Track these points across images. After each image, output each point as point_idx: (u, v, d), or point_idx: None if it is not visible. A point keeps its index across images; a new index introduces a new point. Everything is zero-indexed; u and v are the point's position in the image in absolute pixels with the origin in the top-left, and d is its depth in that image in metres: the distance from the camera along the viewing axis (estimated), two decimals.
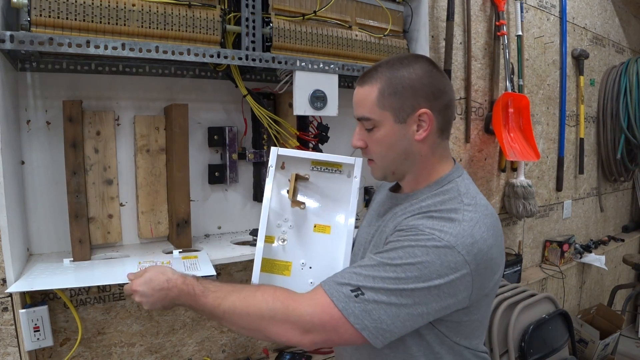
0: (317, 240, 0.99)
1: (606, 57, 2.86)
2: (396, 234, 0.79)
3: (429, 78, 0.83)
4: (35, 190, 1.11)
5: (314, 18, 1.22)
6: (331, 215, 1.00)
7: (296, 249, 0.98)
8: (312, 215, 1.00)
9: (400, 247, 0.74)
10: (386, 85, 0.82)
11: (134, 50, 0.96)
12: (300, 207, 0.97)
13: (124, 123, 1.20)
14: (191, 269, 1.04)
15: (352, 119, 1.69)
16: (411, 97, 0.82)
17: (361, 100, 0.85)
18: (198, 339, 1.36)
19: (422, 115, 0.82)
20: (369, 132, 0.86)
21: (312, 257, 0.98)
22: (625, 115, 2.68)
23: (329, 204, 1.01)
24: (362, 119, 0.86)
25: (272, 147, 0.98)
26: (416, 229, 0.76)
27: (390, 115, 0.83)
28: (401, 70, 0.82)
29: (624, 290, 2.93)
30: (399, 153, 0.85)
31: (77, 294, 1.16)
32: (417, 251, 0.72)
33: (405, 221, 0.80)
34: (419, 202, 0.84)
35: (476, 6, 1.95)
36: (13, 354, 1.05)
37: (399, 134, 0.83)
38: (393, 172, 0.88)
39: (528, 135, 2.02)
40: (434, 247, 0.72)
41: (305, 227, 0.99)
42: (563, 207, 2.59)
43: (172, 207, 1.22)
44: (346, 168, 1.02)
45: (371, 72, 0.85)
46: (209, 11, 1.07)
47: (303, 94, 1.18)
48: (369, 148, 0.88)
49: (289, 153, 0.99)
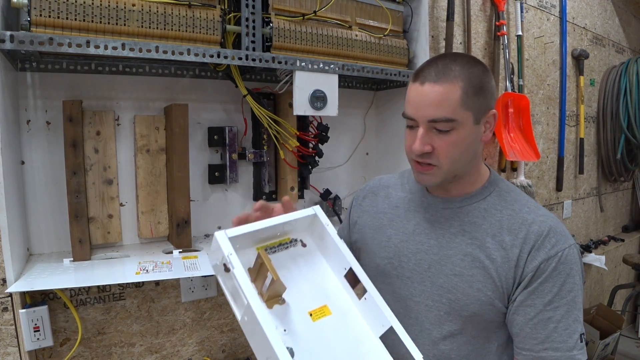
0: (324, 328, 0.76)
1: (606, 57, 2.86)
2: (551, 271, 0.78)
3: (491, 78, 0.83)
4: (35, 190, 1.11)
5: (314, 18, 1.22)
6: (317, 293, 0.79)
7: (311, 354, 0.72)
8: (297, 305, 0.77)
9: (569, 287, 0.78)
10: (469, 84, 0.77)
11: (134, 50, 0.96)
12: (279, 302, 0.74)
13: (124, 123, 1.20)
14: (191, 269, 1.04)
15: (352, 119, 1.69)
16: (486, 98, 0.80)
17: (440, 99, 0.77)
18: (198, 339, 1.36)
19: (490, 116, 0.82)
20: (442, 134, 0.78)
21: (337, 351, 0.74)
22: (625, 115, 2.68)
23: (304, 284, 0.80)
24: (439, 121, 0.77)
25: (216, 232, 0.73)
26: (565, 262, 0.78)
27: (472, 116, 0.78)
28: (473, 68, 0.79)
29: (624, 290, 2.93)
30: (469, 155, 0.82)
31: (77, 294, 1.16)
32: (577, 279, 0.79)
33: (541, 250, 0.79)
34: (505, 210, 0.84)
35: (476, 6, 1.95)
36: (13, 354, 1.05)
37: (474, 135, 0.81)
38: (455, 175, 0.83)
39: (528, 135, 2.02)
40: (577, 261, 0.80)
41: (301, 323, 0.75)
42: (563, 207, 2.59)
43: (172, 207, 1.22)
44: (297, 234, 0.84)
45: (443, 68, 0.78)
46: (209, 11, 1.07)
47: (303, 94, 1.18)
48: (437, 152, 0.79)
49: (238, 231, 0.76)
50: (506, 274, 0.79)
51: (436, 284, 0.85)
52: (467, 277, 0.82)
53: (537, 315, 0.77)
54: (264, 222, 0.79)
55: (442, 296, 0.84)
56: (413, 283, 0.87)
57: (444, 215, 0.88)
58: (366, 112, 1.64)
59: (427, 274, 0.86)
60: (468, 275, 0.81)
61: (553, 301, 0.77)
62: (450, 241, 0.85)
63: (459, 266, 0.83)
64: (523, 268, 0.79)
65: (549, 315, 0.76)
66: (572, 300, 0.77)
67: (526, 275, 0.78)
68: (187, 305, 1.33)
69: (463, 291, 0.82)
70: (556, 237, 0.79)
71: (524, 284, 0.78)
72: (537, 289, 0.77)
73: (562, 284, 0.77)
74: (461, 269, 0.82)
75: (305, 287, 0.80)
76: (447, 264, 0.84)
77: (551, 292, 0.77)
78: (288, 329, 0.74)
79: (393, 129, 1.57)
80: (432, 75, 0.78)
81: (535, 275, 0.78)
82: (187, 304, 1.33)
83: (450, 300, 0.83)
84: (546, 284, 0.77)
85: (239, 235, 0.76)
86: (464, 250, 0.83)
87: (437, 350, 0.84)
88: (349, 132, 1.60)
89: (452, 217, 0.87)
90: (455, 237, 0.85)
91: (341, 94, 1.26)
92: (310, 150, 1.37)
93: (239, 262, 0.71)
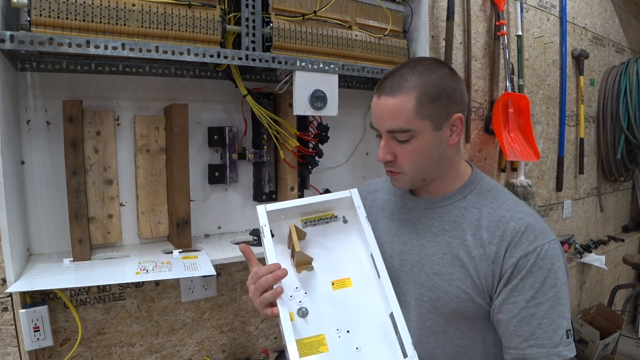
0: (341, 298, 0.85)
1: (606, 57, 2.86)
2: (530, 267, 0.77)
3: (455, 81, 0.83)
4: (35, 190, 1.11)
5: (314, 18, 1.22)
6: (345, 266, 0.89)
7: (322, 317, 0.82)
8: (324, 274, 0.87)
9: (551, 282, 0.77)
10: (423, 93, 0.79)
11: (134, 50, 0.96)
12: (308, 269, 0.86)
13: (124, 123, 1.20)
14: (191, 269, 1.04)
15: (352, 119, 1.70)
16: (446, 103, 0.81)
17: (395, 112, 0.80)
18: (198, 339, 1.36)
19: (455, 120, 0.83)
20: (402, 144, 0.82)
21: (346, 320, 0.82)
22: (625, 115, 2.68)
23: (336, 256, 0.90)
24: (396, 132, 0.81)
25: (258, 206, 0.87)
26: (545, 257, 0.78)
27: (430, 123, 0.80)
28: (431, 75, 0.81)
29: (624, 290, 2.93)
30: (434, 160, 0.84)
31: (77, 294, 1.16)
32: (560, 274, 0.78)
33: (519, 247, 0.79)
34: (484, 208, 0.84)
35: (476, 6, 1.95)
36: (13, 354, 1.05)
37: (436, 141, 0.82)
38: (424, 179, 0.87)
39: (528, 135, 2.02)
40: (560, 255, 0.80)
41: (322, 289, 0.86)
42: (563, 207, 2.59)
43: (172, 207, 1.22)
44: (340, 211, 0.94)
45: (400, 81, 0.81)
46: (209, 11, 1.07)
47: (303, 94, 1.18)
48: (399, 160, 0.84)
49: (278, 206, 0.89)
50: (485, 271, 0.80)
51: (418, 282, 0.87)
52: (446, 275, 0.83)
53: (519, 312, 0.77)
54: (301, 200, 0.92)
55: (424, 295, 0.86)
56: (398, 283, 0.89)
57: (426, 215, 0.90)
58: (366, 112, 1.64)
59: (410, 274, 0.88)
60: (447, 273, 0.83)
61: (535, 297, 0.77)
62: (431, 240, 0.87)
63: (439, 264, 0.84)
64: (501, 265, 0.79)
65: (532, 312, 0.76)
66: (555, 296, 0.76)
67: (505, 272, 0.79)
68: (187, 305, 1.33)
69: (443, 289, 0.83)
70: (534, 233, 0.79)
71: (503, 282, 0.79)
72: (517, 286, 0.78)
73: (544, 280, 0.77)
74: (441, 267, 0.84)
75: (334, 259, 0.89)
76: (428, 262, 0.86)
77: (532, 289, 0.77)
78: (309, 293, 0.84)
79: None
80: (387, 89, 0.81)
81: (514, 272, 0.78)
82: (187, 304, 1.33)
83: (431, 298, 0.85)
84: (526, 280, 0.77)
85: (278, 210, 0.89)
86: (444, 249, 0.85)
87: (421, 348, 0.86)
88: (349, 132, 1.60)
89: (433, 217, 0.89)
90: (436, 237, 0.87)
91: (341, 94, 1.26)
92: (310, 150, 1.37)
93: (269, 232, 0.85)
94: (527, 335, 0.76)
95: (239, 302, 1.42)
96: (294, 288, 0.85)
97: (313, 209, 0.93)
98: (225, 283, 1.39)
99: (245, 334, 1.45)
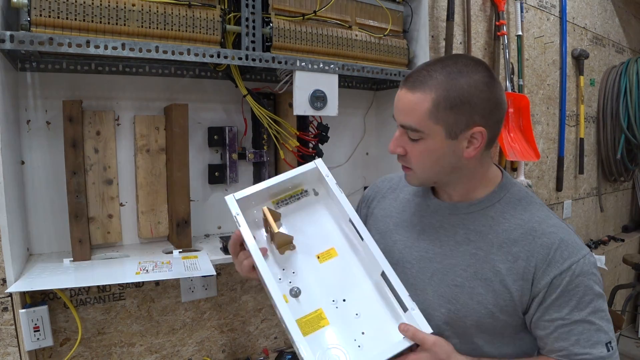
0: (330, 269, 0.85)
1: (606, 57, 2.86)
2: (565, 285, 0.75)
3: (488, 91, 0.75)
4: (35, 190, 1.11)
5: (314, 18, 1.22)
6: (326, 237, 0.88)
7: (315, 292, 0.82)
8: (307, 250, 0.87)
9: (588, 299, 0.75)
10: (442, 96, 0.73)
11: (134, 50, 0.96)
12: (290, 248, 0.85)
13: (124, 123, 1.20)
14: (191, 269, 1.04)
15: (352, 119, 1.70)
16: (467, 113, 0.74)
17: (410, 108, 0.76)
18: (198, 339, 1.36)
19: (475, 134, 0.76)
20: (413, 142, 0.78)
21: (339, 289, 0.83)
22: (625, 115, 2.68)
23: (315, 229, 0.89)
24: (407, 128, 0.77)
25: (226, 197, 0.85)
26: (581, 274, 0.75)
27: (443, 130, 0.75)
28: (460, 79, 0.74)
29: (624, 290, 2.93)
30: (444, 167, 0.79)
31: (77, 294, 1.16)
32: (597, 288, 0.76)
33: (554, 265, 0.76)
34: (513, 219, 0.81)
35: (476, 6, 1.95)
36: (13, 354, 1.05)
37: (448, 149, 0.77)
38: (435, 182, 0.84)
39: (528, 135, 2.02)
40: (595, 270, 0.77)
41: (309, 265, 0.85)
42: (563, 207, 2.59)
43: (172, 207, 1.22)
44: (309, 185, 0.92)
45: (424, 76, 0.75)
46: (209, 11, 1.07)
47: (303, 94, 1.18)
48: (409, 157, 0.80)
49: (245, 193, 0.87)
50: (512, 287, 0.77)
51: (437, 293, 0.83)
52: (468, 288, 0.79)
53: (556, 329, 0.76)
54: (267, 181, 0.89)
55: (442, 306, 0.82)
56: (416, 290, 0.84)
57: (450, 221, 0.85)
58: (366, 112, 1.64)
59: (429, 282, 0.84)
60: (469, 287, 0.79)
61: (572, 314, 0.75)
62: (454, 250, 0.83)
63: (461, 277, 0.80)
64: (532, 283, 0.76)
65: (570, 329, 0.75)
66: (593, 312, 0.75)
67: (539, 292, 0.76)
68: (187, 305, 1.33)
69: (463, 302, 0.80)
70: (568, 249, 0.76)
71: (537, 300, 0.76)
72: (553, 304, 0.75)
73: (581, 297, 0.75)
74: (463, 279, 0.80)
75: (314, 232, 0.88)
76: (450, 273, 0.82)
77: (569, 306, 0.75)
78: (297, 271, 0.84)
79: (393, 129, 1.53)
80: (410, 82, 0.77)
81: (549, 291, 0.75)
82: (187, 304, 1.33)
83: (449, 310, 0.81)
84: (562, 298, 0.75)
85: (247, 196, 0.86)
86: (467, 260, 0.81)
87: None
88: (349, 132, 1.60)
89: (457, 224, 0.84)
90: (460, 246, 0.82)
91: (341, 94, 1.26)
92: (310, 150, 1.37)
93: (244, 220, 0.83)
94: (565, 352, 0.75)
95: (239, 302, 1.42)
96: (281, 270, 0.84)
97: (281, 188, 0.91)
98: (225, 283, 1.39)
99: (245, 334, 1.45)
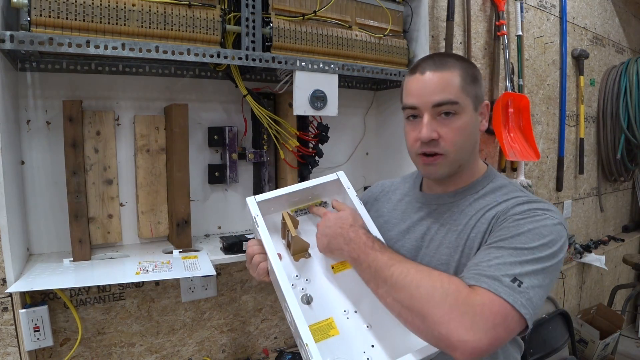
0: (343, 280, 0.85)
1: (606, 57, 2.86)
2: (510, 220, 0.75)
3: (480, 74, 0.87)
4: (35, 190, 1.11)
5: (314, 18, 1.22)
6: None
7: (327, 301, 0.83)
8: (322, 259, 0.88)
9: (525, 231, 0.72)
10: (464, 73, 0.82)
11: (134, 50, 0.96)
12: (305, 256, 0.86)
13: (124, 123, 1.20)
14: (191, 269, 1.04)
15: (352, 119, 1.69)
16: (480, 88, 0.85)
17: (444, 84, 0.80)
18: (198, 339, 1.36)
19: (483, 107, 0.87)
20: (447, 119, 0.81)
21: (352, 301, 0.83)
22: (625, 115, 2.68)
23: None
24: (445, 103, 0.80)
25: (247, 198, 0.87)
26: (530, 211, 0.75)
27: (471, 102, 0.83)
28: (465, 62, 0.85)
29: (624, 290, 2.93)
30: (472, 144, 0.85)
31: (77, 294, 1.16)
32: (543, 231, 0.72)
33: (510, 210, 0.77)
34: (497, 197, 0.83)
35: (476, 6, 1.95)
36: (13, 354, 1.05)
37: (475, 122, 0.85)
38: (460, 164, 0.85)
39: (528, 135, 2.02)
40: (552, 225, 0.73)
41: (323, 274, 0.86)
42: (563, 207, 2.59)
43: (172, 207, 1.22)
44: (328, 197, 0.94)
45: (441, 60, 0.83)
46: (209, 11, 1.06)
47: (303, 94, 1.18)
48: (443, 139, 0.81)
49: (267, 196, 0.88)
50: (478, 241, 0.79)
51: None
52: (453, 264, 0.82)
53: (478, 255, 0.74)
54: (289, 187, 0.91)
55: None
56: None
57: (438, 210, 0.89)
58: (366, 112, 1.64)
59: None
60: (454, 262, 0.82)
61: (501, 242, 0.72)
62: (438, 232, 0.86)
63: (445, 254, 0.83)
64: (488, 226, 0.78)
65: (489, 252, 0.72)
66: (525, 249, 0.69)
67: (488, 230, 0.78)
68: (187, 305, 1.33)
69: None
70: (536, 204, 0.77)
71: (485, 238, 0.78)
72: (491, 236, 0.76)
73: (522, 233, 0.71)
74: (447, 257, 0.83)
75: None
76: (436, 254, 0.85)
77: (502, 235, 0.73)
78: (310, 279, 0.85)
79: (393, 129, 1.57)
80: (430, 66, 0.83)
81: (493, 223, 0.77)
82: (187, 304, 1.33)
83: None
84: (500, 231, 0.74)
85: (268, 199, 0.88)
86: (449, 239, 0.84)
87: None
88: (349, 132, 1.60)
89: (444, 211, 0.88)
90: (444, 227, 0.86)
91: (341, 94, 1.26)
92: (310, 150, 1.37)
93: (263, 222, 0.84)
94: (471, 264, 0.72)
95: (239, 302, 1.42)
96: (295, 276, 0.85)
97: (302, 196, 0.93)
98: (225, 283, 1.39)
99: (245, 334, 1.45)
